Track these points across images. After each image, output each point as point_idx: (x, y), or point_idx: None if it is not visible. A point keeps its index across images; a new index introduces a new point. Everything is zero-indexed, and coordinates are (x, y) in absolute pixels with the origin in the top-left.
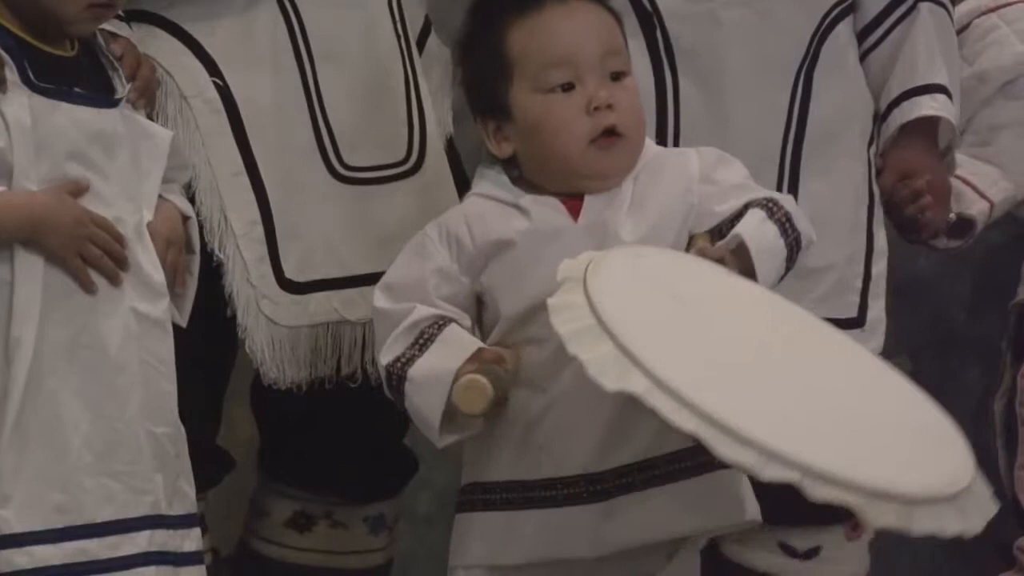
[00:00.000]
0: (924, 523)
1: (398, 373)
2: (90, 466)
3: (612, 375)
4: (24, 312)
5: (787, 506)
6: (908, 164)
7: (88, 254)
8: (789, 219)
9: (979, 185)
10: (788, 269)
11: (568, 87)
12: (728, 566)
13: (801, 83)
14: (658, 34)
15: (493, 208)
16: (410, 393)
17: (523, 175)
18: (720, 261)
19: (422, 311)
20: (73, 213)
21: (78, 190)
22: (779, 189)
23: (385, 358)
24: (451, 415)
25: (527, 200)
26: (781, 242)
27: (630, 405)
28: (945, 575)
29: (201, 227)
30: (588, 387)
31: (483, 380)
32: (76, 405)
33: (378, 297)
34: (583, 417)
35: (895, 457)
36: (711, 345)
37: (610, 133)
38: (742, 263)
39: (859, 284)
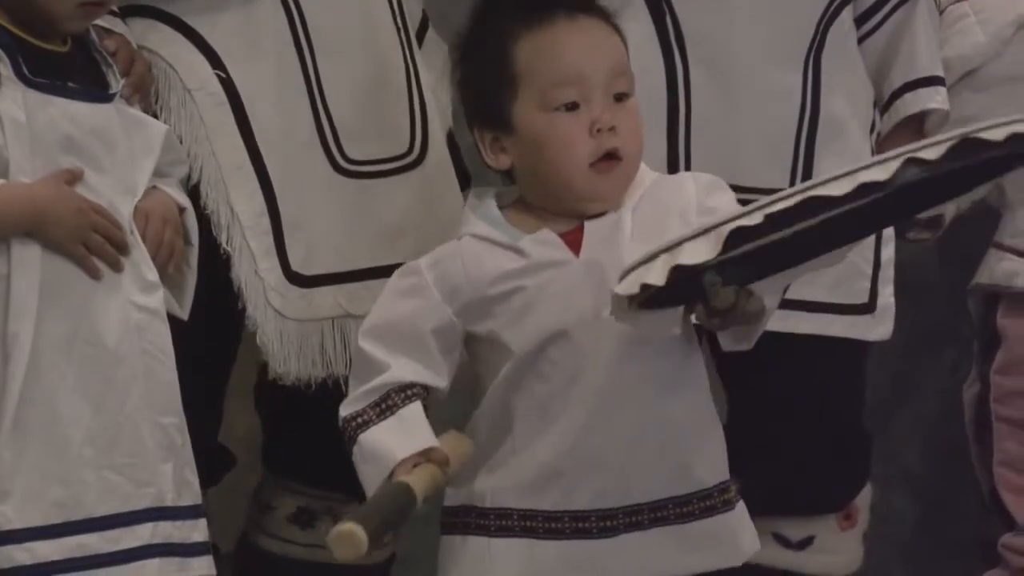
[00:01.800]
0: None
1: (351, 432)
2: (91, 460)
3: (708, 247)
4: (21, 307)
5: (780, 496)
6: None
7: (91, 242)
8: None
9: None
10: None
11: (572, 106)
12: None
13: (811, 68)
14: (667, 19)
15: (490, 251)
16: (356, 456)
17: (520, 196)
18: None
19: (396, 375)
20: (74, 202)
21: (73, 178)
22: (793, 174)
23: (345, 410)
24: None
25: (526, 242)
26: None
27: (645, 440)
28: (934, 572)
29: (208, 221)
30: (597, 422)
31: (359, 535)
32: (75, 399)
33: (364, 336)
34: (596, 452)
35: None
36: None
37: (610, 156)
38: None
39: (869, 270)
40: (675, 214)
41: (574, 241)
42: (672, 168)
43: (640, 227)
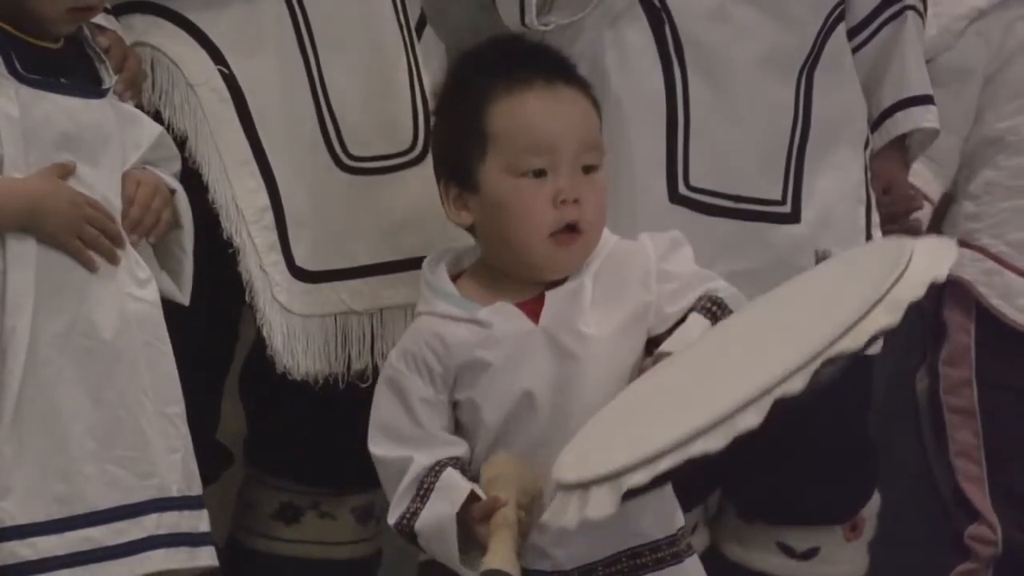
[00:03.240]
0: None
1: (407, 530)
2: (92, 454)
3: (608, 500)
4: (17, 302)
5: (786, 506)
6: (892, 177)
7: (86, 235)
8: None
9: (922, 187)
10: None
11: (539, 173)
12: (727, 566)
13: (803, 81)
14: (667, 29)
15: (450, 327)
16: (424, 545)
17: (481, 257)
18: None
19: (420, 463)
20: (68, 195)
21: (66, 172)
22: (785, 187)
23: (392, 517)
24: (468, 552)
25: (484, 313)
26: None
27: None
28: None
29: (213, 216)
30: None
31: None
32: (74, 393)
33: (373, 440)
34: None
35: None
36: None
37: (571, 229)
38: None
39: None
40: (635, 280)
41: (533, 310)
42: (671, 174)
43: (600, 294)
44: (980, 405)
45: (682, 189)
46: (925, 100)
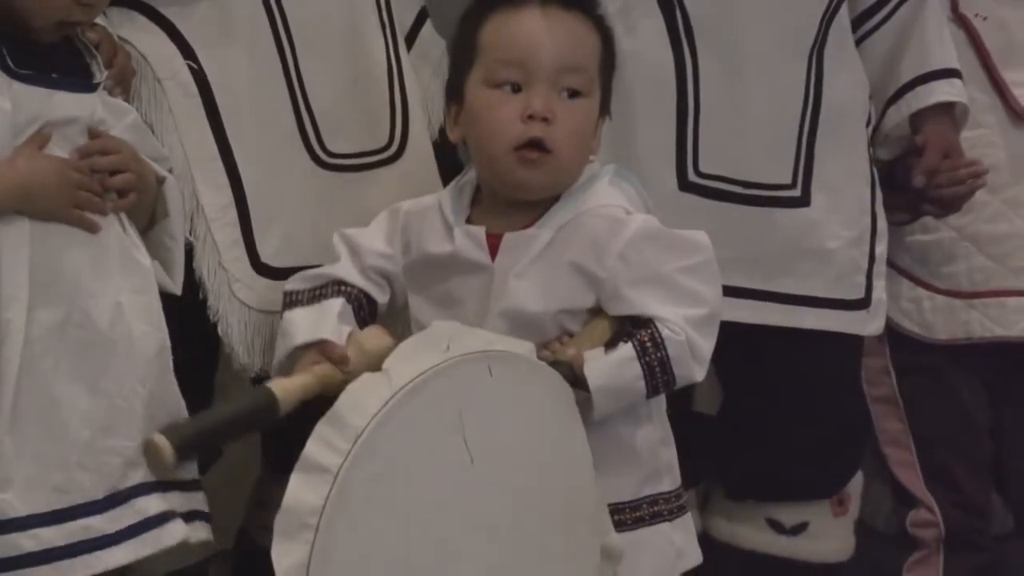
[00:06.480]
0: None
1: (284, 306)
2: (89, 443)
3: None
4: (12, 294)
5: (775, 482)
6: (950, 143)
7: (80, 201)
8: (663, 364)
9: None
10: (654, 395)
11: (516, 88)
12: (716, 545)
13: (814, 63)
14: (677, 12)
15: (438, 228)
16: (280, 329)
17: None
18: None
19: (339, 271)
20: (54, 167)
21: (43, 141)
22: (795, 169)
23: (288, 285)
24: (285, 367)
25: (458, 231)
26: (641, 384)
27: None
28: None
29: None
30: None
31: (162, 443)
32: (71, 384)
33: (338, 233)
34: None
35: None
36: None
37: (537, 147)
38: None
39: (865, 265)
40: (590, 248)
41: (497, 246)
42: (680, 162)
43: (552, 250)
44: (900, 390)
45: (692, 176)
46: (949, 74)
